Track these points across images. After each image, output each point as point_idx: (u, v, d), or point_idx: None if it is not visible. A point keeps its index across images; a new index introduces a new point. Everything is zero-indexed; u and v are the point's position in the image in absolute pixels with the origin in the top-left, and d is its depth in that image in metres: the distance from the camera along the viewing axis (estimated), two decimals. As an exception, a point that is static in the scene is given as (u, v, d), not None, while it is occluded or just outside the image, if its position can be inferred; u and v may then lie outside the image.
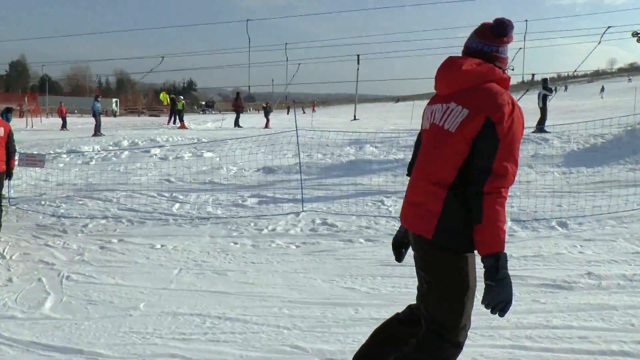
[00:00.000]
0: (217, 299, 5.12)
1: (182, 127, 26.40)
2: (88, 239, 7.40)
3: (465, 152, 2.51)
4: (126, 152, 15.81)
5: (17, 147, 7.97)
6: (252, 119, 36.39)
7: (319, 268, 5.98)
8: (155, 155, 15.16)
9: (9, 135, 7.24)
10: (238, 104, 28.10)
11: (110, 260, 6.43)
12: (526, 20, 26.38)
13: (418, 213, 2.68)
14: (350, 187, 9.95)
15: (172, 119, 29.88)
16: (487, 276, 2.42)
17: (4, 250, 6.98)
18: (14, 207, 9.10)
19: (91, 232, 7.73)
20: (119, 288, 5.50)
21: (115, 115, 55.81)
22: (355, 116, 34.78)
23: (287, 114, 53.97)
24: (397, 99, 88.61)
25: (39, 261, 6.49)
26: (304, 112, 57.89)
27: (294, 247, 6.77)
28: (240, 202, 9.16)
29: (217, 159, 14.01)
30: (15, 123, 35.94)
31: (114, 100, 64.86)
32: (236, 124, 27.75)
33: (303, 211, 8.33)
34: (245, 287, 5.44)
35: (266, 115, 29.69)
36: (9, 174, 7.58)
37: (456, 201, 2.53)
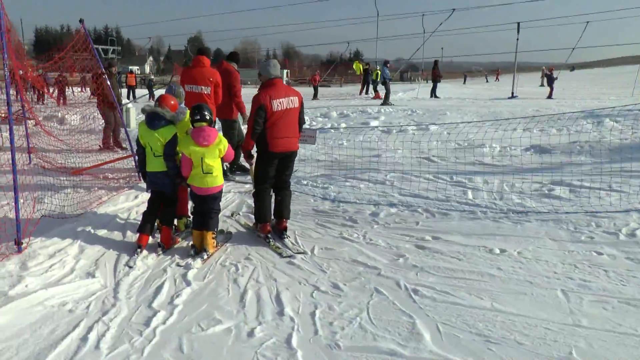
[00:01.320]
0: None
1: (377, 97, 25.04)
2: (390, 232, 6.05)
3: None
4: (343, 124, 14.70)
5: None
6: (447, 89, 34.23)
7: None
8: (377, 128, 13.82)
9: (302, 106, 6.04)
10: (436, 72, 26.13)
11: (450, 268, 4.96)
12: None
13: None
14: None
15: (366, 89, 28.77)
16: None
17: (296, 240, 5.86)
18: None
19: (387, 223, 6.37)
20: (507, 317, 3.99)
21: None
22: (513, 92, 26.63)
23: (464, 83, 50.86)
24: (573, 67, 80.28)
25: (353, 261, 5.22)
26: (487, 81, 54.64)
27: (694, 265, 4.90)
28: (546, 191, 7.38)
29: (446, 133, 12.34)
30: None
31: (285, 71, 65.52)
32: (433, 93, 25.91)
33: (647, 209, 6.40)
34: None
35: (550, 83, 26.81)
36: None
37: None
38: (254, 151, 5.99)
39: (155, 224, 5.80)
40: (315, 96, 28.42)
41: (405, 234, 5.96)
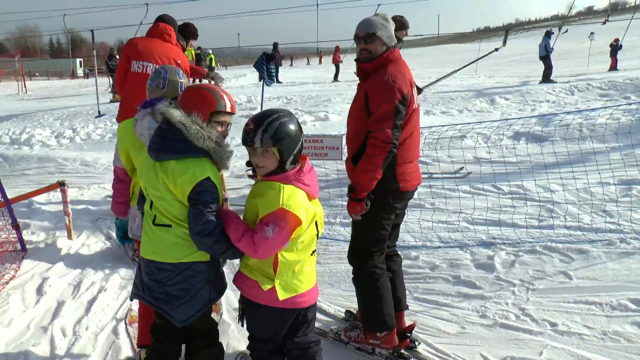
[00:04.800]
0: None
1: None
2: (553, 301, 3.73)
3: None
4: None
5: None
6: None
7: None
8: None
9: None
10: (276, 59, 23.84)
11: None
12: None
13: None
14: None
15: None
16: None
17: (434, 348, 3.33)
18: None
19: (526, 281, 4.01)
20: None
21: (86, 76, 49.41)
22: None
23: (308, 63, 48.29)
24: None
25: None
26: (308, 64, 52.78)
27: None
28: (637, 193, 5.58)
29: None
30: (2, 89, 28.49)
31: (77, 60, 57.58)
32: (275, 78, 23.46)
33: None
34: None
35: (614, 54, 22.04)
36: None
37: None
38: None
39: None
40: (336, 77, 23.80)
41: (580, 299, 3.73)
